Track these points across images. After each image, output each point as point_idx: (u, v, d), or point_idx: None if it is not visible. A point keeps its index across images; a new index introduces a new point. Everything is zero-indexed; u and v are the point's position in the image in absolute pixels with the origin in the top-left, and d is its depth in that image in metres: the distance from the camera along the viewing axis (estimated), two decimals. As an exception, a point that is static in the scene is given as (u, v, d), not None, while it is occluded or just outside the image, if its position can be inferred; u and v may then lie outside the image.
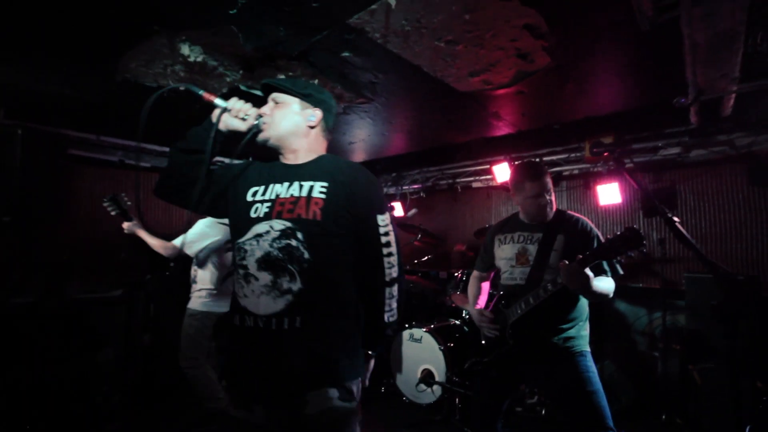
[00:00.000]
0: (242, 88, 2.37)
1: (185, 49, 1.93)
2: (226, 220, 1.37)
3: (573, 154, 3.69)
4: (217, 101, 1.23)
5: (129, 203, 2.72)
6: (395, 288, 1.26)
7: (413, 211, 5.13)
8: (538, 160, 3.80)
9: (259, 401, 1.16)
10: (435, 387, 3.07)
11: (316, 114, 1.32)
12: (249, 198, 1.27)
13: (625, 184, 3.53)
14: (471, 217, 4.85)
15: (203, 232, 2.62)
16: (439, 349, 3.08)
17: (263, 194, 1.26)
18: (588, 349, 1.77)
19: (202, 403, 2.70)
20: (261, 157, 1.40)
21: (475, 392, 1.90)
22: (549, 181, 1.87)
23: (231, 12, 1.62)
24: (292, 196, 1.21)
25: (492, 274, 2.20)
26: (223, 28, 1.75)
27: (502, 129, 3.24)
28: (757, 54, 1.93)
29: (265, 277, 1.15)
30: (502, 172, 3.80)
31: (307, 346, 1.13)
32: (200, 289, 2.66)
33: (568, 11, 1.64)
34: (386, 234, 1.25)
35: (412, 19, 1.68)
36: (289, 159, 1.32)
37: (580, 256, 1.52)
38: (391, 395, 3.37)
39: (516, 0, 1.56)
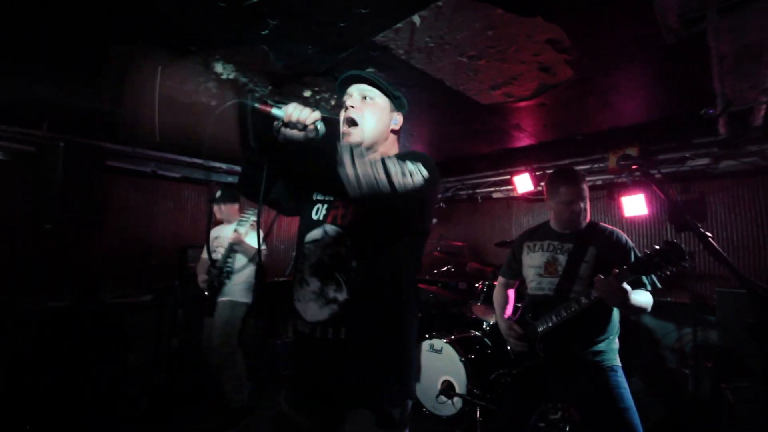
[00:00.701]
0: (269, 102, 2.46)
1: (219, 67, 2.04)
2: None
3: (596, 165, 3.64)
4: (274, 111, 1.05)
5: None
6: None
7: (433, 221, 5.14)
8: (560, 170, 3.77)
9: (305, 406, 1.16)
10: (455, 399, 3.05)
11: (398, 119, 1.24)
12: (315, 196, 1.23)
13: (652, 195, 3.46)
14: (491, 227, 4.82)
15: None
16: (460, 360, 3.06)
17: (328, 193, 1.20)
18: (619, 363, 1.73)
19: (227, 399, 2.80)
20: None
21: (502, 405, 1.88)
22: (585, 189, 1.83)
23: (263, 33, 1.71)
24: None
25: (517, 283, 2.18)
26: (255, 47, 1.84)
27: (524, 140, 3.24)
28: (788, 64, 1.89)
29: (315, 283, 1.13)
30: (522, 183, 3.78)
31: (350, 361, 1.09)
32: (244, 281, 2.94)
33: (591, 26, 1.66)
34: None
35: (435, 36, 1.73)
36: None
37: (617, 271, 1.50)
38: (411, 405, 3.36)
39: (539, 16, 1.59)
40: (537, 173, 3.74)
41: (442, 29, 1.68)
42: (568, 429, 2.85)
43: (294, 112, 1.02)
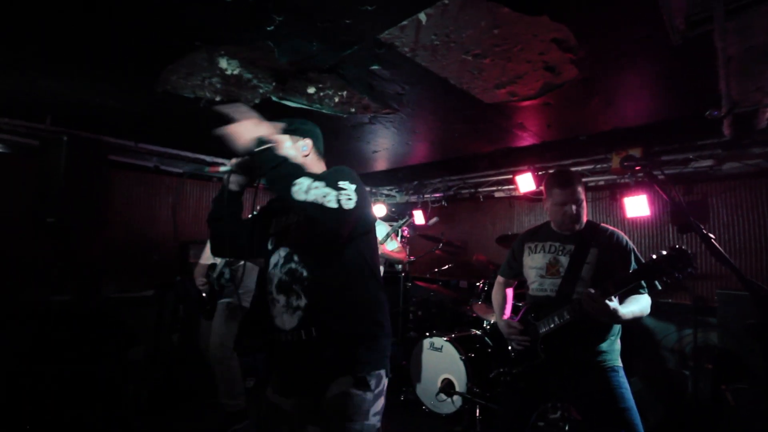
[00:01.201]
0: (274, 99, 2.46)
1: (223, 63, 2.03)
2: None
3: (599, 165, 3.64)
4: (221, 169, 1.42)
5: None
6: None
7: (434, 219, 5.14)
8: (562, 170, 3.77)
9: (292, 394, 1.37)
10: (455, 397, 3.06)
11: (306, 144, 1.49)
12: (270, 230, 1.50)
13: (654, 196, 3.45)
14: (492, 226, 4.83)
15: None
16: (460, 359, 3.06)
17: (275, 226, 1.49)
18: (620, 364, 1.73)
19: (223, 402, 2.78)
20: None
21: (502, 404, 1.88)
22: (581, 191, 1.83)
23: (268, 28, 1.70)
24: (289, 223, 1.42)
25: (516, 283, 2.18)
26: (259, 43, 1.84)
27: (527, 140, 3.23)
28: (795, 67, 1.88)
29: (282, 299, 1.36)
30: (525, 183, 3.78)
31: (325, 349, 1.30)
32: (248, 291, 3.04)
33: (597, 26, 1.65)
34: None
35: (441, 33, 1.73)
36: None
37: (599, 290, 1.51)
38: (411, 404, 3.37)
39: (545, 16, 1.58)
40: (540, 173, 3.74)
41: (447, 27, 1.68)
42: (567, 428, 2.86)
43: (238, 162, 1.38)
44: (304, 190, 1.16)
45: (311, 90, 2.34)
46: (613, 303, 1.50)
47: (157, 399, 3.17)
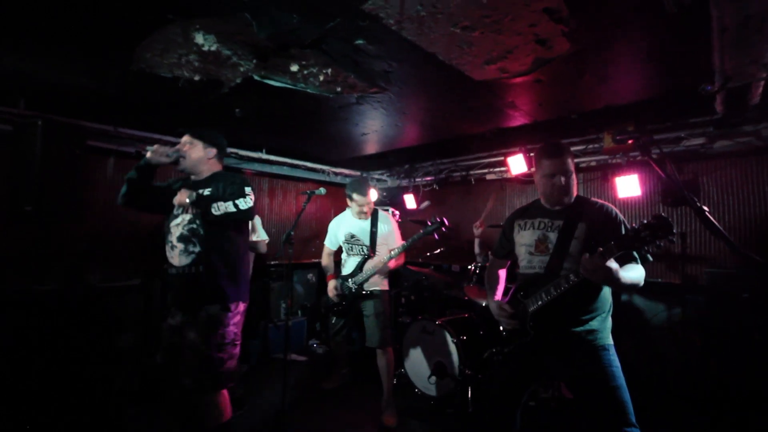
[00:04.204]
0: (255, 78, 2.36)
1: (199, 38, 1.93)
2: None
3: (591, 146, 3.61)
4: (148, 148, 2.09)
5: None
6: None
7: (426, 203, 5.09)
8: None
9: (179, 312, 2.08)
10: (447, 379, 3.06)
11: (211, 151, 2.22)
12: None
13: (645, 175, 3.43)
14: (484, 209, 4.79)
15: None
16: (452, 341, 3.06)
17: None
18: (611, 342, 1.72)
19: None
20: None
21: (494, 383, 1.87)
22: (569, 162, 1.78)
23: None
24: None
25: (509, 263, 2.15)
26: (236, 15, 1.74)
27: (518, 119, 3.17)
28: (790, 38, 1.83)
29: (180, 245, 2.05)
30: (516, 164, 3.74)
31: (206, 282, 2.01)
32: None
33: (590, -7, 1.58)
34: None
35: (427, 3, 1.65)
36: (193, 177, 2.24)
37: (601, 249, 1.47)
38: (403, 387, 3.38)
39: (536, -18, 1.51)
40: (531, 154, 3.69)
41: (434, -4, 1.60)
42: (558, 408, 2.88)
43: (160, 148, 2.10)
44: (217, 208, 1.97)
45: (294, 68, 2.25)
46: (612, 263, 1.46)
47: (148, 387, 3.13)
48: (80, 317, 3.08)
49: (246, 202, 2.02)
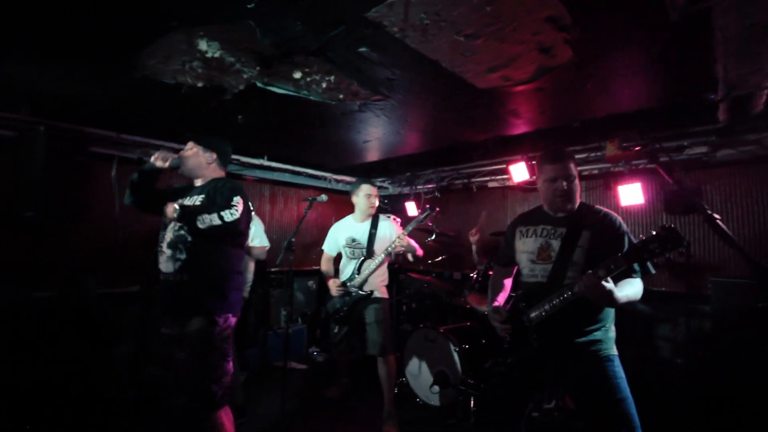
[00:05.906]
0: (259, 85, 2.37)
1: (203, 45, 1.94)
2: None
3: (593, 154, 3.60)
4: (151, 152, 2.10)
5: None
6: None
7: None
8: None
9: (170, 320, 2.00)
10: (450, 389, 3.02)
11: (211, 156, 2.20)
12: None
13: (648, 183, 3.42)
14: (486, 217, 4.77)
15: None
16: (454, 350, 3.03)
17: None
18: (615, 352, 1.68)
19: None
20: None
21: (496, 394, 1.84)
22: (572, 167, 1.77)
23: (249, 6, 1.61)
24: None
25: (514, 271, 2.13)
26: (240, 23, 1.74)
27: (520, 127, 3.17)
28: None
29: (168, 251, 2.00)
30: (518, 172, 3.73)
31: (190, 291, 1.93)
32: (247, 282, 3.32)
33: (593, 1, 1.59)
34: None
35: (431, 12, 1.65)
36: (196, 182, 2.24)
37: (599, 270, 1.46)
38: (405, 395, 3.33)
39: (540, -9, 1.51)
40: (533, 161, 3.69)
41: (437, 4, 1.60)
42: (562, 419, 2.83)
43: (161, 153, 2.10)
44: (202, 221, 1.87)
45: (297, 75, 2.25)
46: (609, 284, 1.45)
47: (144, 398, 3.09)
48: (79, 325, 3.06)
49: (232, 214, 1.90)
